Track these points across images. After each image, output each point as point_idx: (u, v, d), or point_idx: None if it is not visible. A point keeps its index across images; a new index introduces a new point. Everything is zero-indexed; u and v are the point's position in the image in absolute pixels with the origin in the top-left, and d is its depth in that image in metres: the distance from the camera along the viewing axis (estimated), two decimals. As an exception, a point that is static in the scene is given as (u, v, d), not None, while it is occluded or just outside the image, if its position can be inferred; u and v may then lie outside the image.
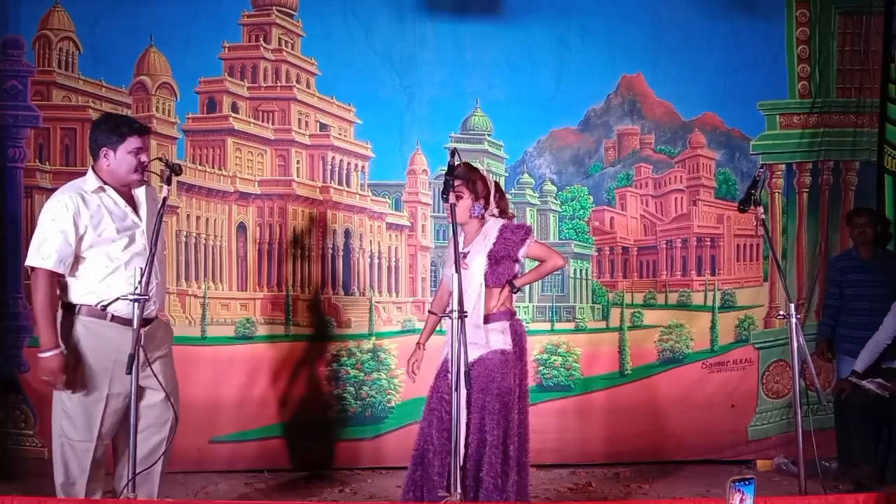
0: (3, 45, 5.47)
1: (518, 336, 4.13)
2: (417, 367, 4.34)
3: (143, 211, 3.81)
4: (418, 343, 4.40)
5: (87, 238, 3.66)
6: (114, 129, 3.73)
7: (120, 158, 3.70)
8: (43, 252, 3.62)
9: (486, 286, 4.05)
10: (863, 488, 4.81)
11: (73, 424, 3.70)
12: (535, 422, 5.51)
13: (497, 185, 4.33)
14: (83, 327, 3.69)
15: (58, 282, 3.69)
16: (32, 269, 3.66)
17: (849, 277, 5.65)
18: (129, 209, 3.77)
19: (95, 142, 3.76)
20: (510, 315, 4.15)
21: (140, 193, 3.84)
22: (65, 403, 3.71)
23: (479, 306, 4.03)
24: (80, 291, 3.70)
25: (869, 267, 5.63)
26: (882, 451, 5.15)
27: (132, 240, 3.74)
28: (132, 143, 3.72)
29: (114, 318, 3.68)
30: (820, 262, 6.02)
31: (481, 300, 4.03)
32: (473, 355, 3.96)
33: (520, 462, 4.06)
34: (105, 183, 3.73)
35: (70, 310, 3.69)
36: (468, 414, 3.96)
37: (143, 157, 3.74)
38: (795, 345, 3.87)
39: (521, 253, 4.11)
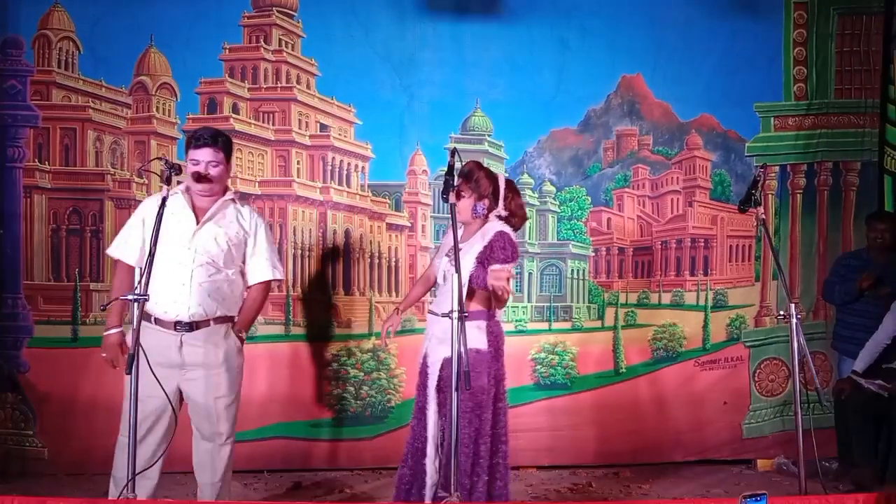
0: (3, 44, 5.27)
1: (494, 337, 3.94)
2: (394, 331, 4.26)
3: (203, 220, 3.82)
4: (397, 308, 4.33)
5: (148, 235, 3.69)
6: (186, 140, 3.92)
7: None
8: (116, 242, 3.92)
9: (470, 287, 3.87)
10: (863, 488, 4.67)
11: (122, 420, 3.74)
12: (533, 421, 5.51)
13: (511, 183, 4.14)
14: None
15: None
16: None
17: (850, 276, 5.43)
18: (191, 214, 3.79)
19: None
20: (488, 315, 3.95)
21: (215, 206, 3.85)
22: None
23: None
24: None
25: (875, 270, 5.43)
26: (882, 451, 4.99)
27: (176, 241, 3.74)
28: (190, 154, 3.81)
29: (157, 321, 3.72)
30: (818, 262, 5.85)
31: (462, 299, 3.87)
32: (446, 353, 3.76)
33: (491, 463, 3.88)
34: (187, 190, 3.85)
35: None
36: (441, 412, 3.85)
37: (200, 168, 3.77)
38: (795, 344, 3.73)
39: (490, 268, 3.88)
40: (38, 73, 5.31)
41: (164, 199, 3.50)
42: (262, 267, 4.00)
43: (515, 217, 4.10)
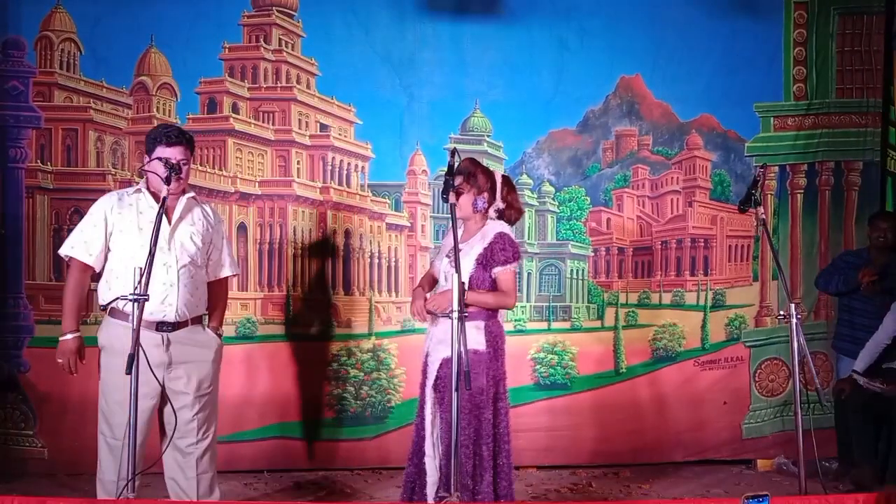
0: (5, 45, 5.23)
1: (493, 336, 3.88)
2: (425, 306, 4.00)
3: (175, 220, 3.77)
4: (420, 286, 4.15)
5: (112, 234, 3.72)
6: (152, 137, 3.77)
7: (152, 165, 3.70)
8: (71, 242, 3.76)
9: (470, 288, 3.81)
10: (863, 488, 4.62)
11: (106, 422, 3.72)
12: (533, 420, 5.45)
13: (507, 178, 4.10)
14: (107, 326, 3.72)
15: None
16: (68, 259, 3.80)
17: (851, 275, 5.36)
18: (162, 215, 3.66)
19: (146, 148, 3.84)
20: (487, 315, 3.89)
21: (181, 205, 3.79)
22: (101, 401, 3.73)
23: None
24: (104, 288, 3.73)
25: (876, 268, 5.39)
26: (882, 451, 4.92)
27: (158, 244, 3.61)
28: (160, 151, 3.69)
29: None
30: (820, 262, 5.78)
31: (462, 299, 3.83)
32: (445, 353, 3.73)
33: (496, 463, 3.83)
34: (148, 187, 3.77)
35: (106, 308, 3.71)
36: (438, 411, 3.81)
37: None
38: (796, 344, 3.69)
39: (495, 271, 3.87)
40: (40, 75, 5.27)
41: (164, 199, 3.49)
42: (226, 263, 4.05)
43: (512, 210, 4.05)
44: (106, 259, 3.75)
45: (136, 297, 3.18)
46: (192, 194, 3.88)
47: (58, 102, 5.30)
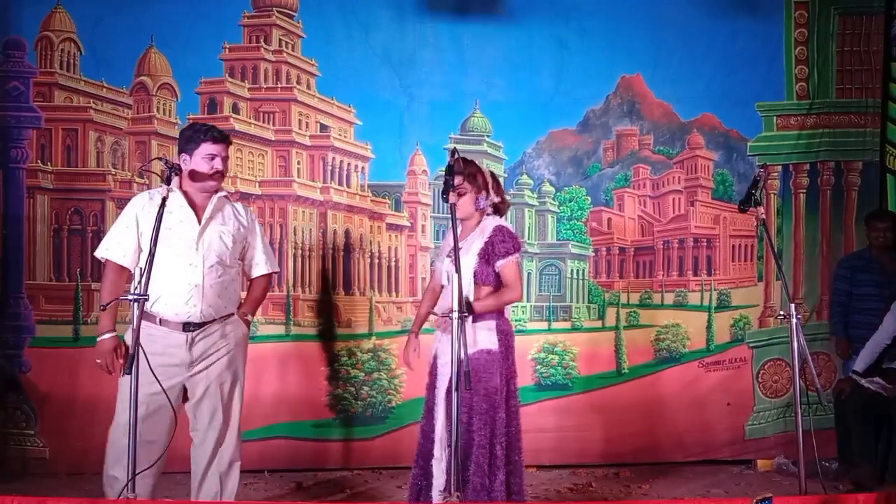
0: (5, 46, 5.29)
1: (504, 335, 3.91)
2: (418, 356, 4.12)
3: (205, 220, 3.80)
4: (413, 332, 4.20)
5: (143, 234, 3.73)
6: (191, 135, 3.81)
7: (195, 163, 3.75)
8: (106, 244, 3.81)
9: (475, 284, 3.84)
10: (863, 488, 4.64)
11: (118, 420, 3.74)
12: (533, 421, 5.41)
13: (493, 174, 4.12)
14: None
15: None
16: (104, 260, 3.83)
17: (857, 277, 5.44)
18: (191, 213, 3.76)
19: (179, 147, 3.85)
20: (496, 314, 3.92)
21: (212, 205, 3.82)
22: (120, 398, 3.74)
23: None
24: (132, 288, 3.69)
25: (879, 269, 5.43)
26: (882, 451, 4.94)
27: (182, 242, 3.72)
28: (205, 148, 3.75)
29: (162, 322, 3.69)
30: (822, 262, 5.82)
31: (470, 298, 3.82)
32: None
33: (509, 461, 3.86)
34: (180, 187, 3.78)
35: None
36: (451, 413, 3.79)
37: (217, 163, 3.77)
38: (796, 345, 3.70)
39: (498, 265, 3.89)
40: (40, 75, 5.33)
41: (163, 199, 3.49)
42: (263, 261, 4.08)
43: (503, 203, 4.09)
44: (139, 259, 3.76)
45: (136, 296, 3.21)
46: (224, 193, 3.91)
47: (58, 102, 5.36)
